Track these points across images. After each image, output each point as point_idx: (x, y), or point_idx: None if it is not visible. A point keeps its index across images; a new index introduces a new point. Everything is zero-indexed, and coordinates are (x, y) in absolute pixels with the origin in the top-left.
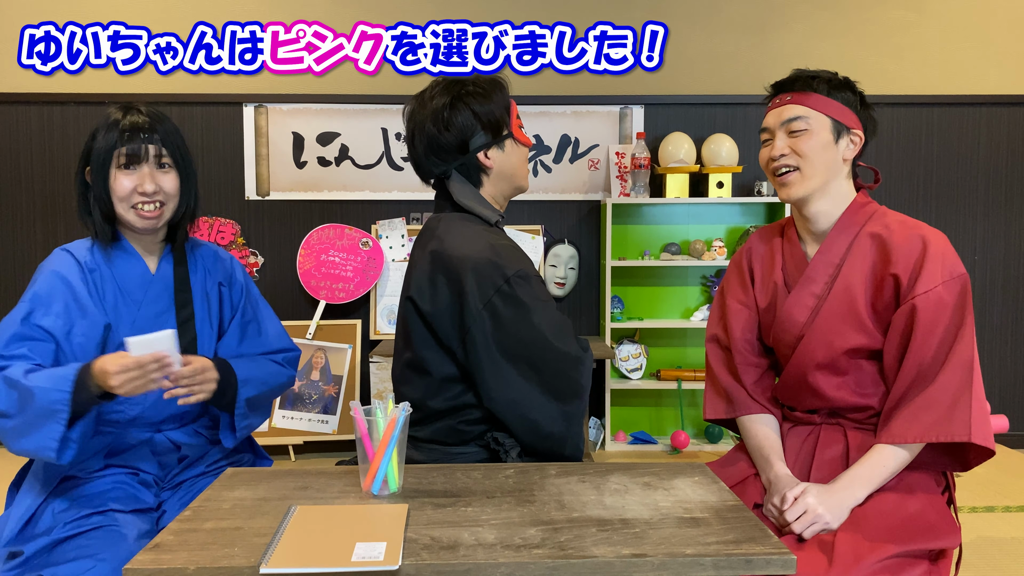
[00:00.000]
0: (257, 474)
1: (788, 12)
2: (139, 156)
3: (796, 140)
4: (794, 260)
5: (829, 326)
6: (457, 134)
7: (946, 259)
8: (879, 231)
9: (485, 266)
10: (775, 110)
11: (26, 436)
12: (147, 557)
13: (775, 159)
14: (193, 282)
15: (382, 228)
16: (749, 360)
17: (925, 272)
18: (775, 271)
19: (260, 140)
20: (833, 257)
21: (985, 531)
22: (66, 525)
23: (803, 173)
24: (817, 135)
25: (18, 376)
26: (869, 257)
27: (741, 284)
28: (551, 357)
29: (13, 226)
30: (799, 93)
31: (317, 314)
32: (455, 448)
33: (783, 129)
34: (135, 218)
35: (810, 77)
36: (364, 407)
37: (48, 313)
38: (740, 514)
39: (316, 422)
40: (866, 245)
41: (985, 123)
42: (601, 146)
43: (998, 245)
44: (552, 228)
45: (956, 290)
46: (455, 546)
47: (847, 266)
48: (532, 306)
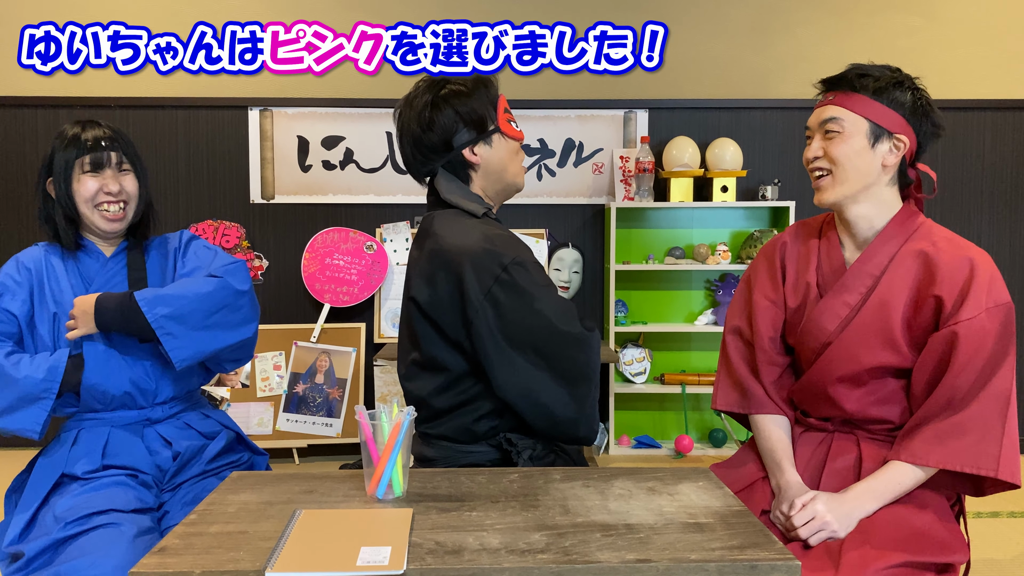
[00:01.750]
0: (262, 478)
1: (792, 16)
2: (102, 162)
3: (830, 143)
4: (831, 264)
5: (858, 339)
6: (440, 133)
7: (993, 286)
8: (925, 248)
9: (482, 257)
10: (818, 109)
11: (6, 416)
12: (153, 560)
13: (810, 161)
14: (148, 260)
15: (386, 232)
16: (771, 358)
17: (971, 298)
18: (809, 272)
19: (265, 144)
20: (873, 268)
21: (990, 537)
22: (67, 525)
23: (835, 178)
24: (850, 139)
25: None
26: (912, 274)
27: (771, 279)
28: (557, 341)
29: (19, 228)
30: (841, 93)
31: (321, 317)
32: (466, 446)
33: (820, 130)
34: (100, 219)
35: (858, 75)
36: (369, 411)
37: (14, 299)
38: (745, 519)
39: (320, 425)
40: (909, 261)
41: (991, 127)
42: (605, 150)
43: (1003, 248)
44: (556, 232)
45: (1000, 319)
46: (460, 551)
47: (886, 279)
48: (533, 292)
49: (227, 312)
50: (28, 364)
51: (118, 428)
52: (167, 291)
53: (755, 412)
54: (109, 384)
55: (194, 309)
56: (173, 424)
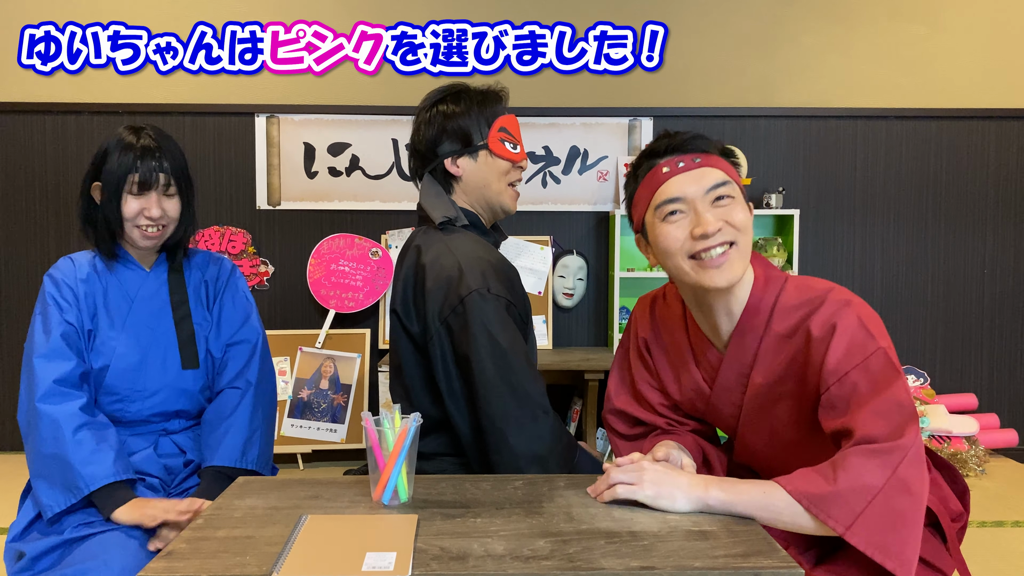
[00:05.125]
0: (268, 483)
1: (796, 25)
2: (150, 184)
3: (724, 210)
4: (707, 360)
5: (759, 426)
6: (428, 140)
7: (854, 340)
8: (783, 319)
9: (447, 282)
10: (680, 177)
11: (41, 478)
12: (160, 565)
13: (708, 235)
14: (188, 279)
15: (392, 238)
16: (678, 419)
17: (829, 359)
18: (690, 368)
19: (272, 150)
20: (742, 367)
21: (994, 546)
22: (74, 528)
23: (740, 249)
24: (741, 202)
25: (67, 432)
26: (784, 351)
27: (650, 373)
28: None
29: (26, 233)
30: (703, 154)
31: (326, 323)
32: (460, 458)
33: (706, 199)
34: (138, 236)
35: (694, 137)
36: (374, 417)
37: (69, 311)
38: (748, 527)
39: (325, 431)
40: (774, 343)
41: (995, 136)
42: (610, 157)
43: (1007, 257)
44: (561, 239)
45: (876, 368)
46: (464, 557)
47: (757, 371)
48: (481, 333)
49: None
50: (83, 446)
51: (133, 435)
52: (235, 439)
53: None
54: (128, 411)
55: (262, 434)
56: (189, 435)
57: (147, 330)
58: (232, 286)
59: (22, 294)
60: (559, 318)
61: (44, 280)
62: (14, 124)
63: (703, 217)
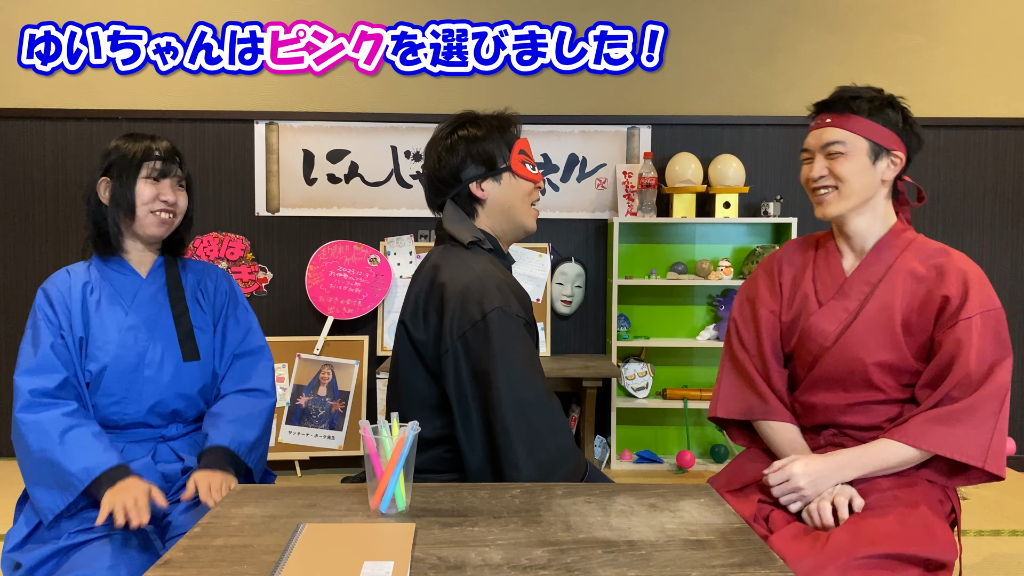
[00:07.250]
0: (266, 491)
1: (795, 34)
2: (168, 173)
3: (834, 163)
4: (830, 274)
5: (858, 340)
6: (451, 167)
7: (987, 291)
8: (925, 254)
9: (468, 298)
10: (816, 131)
11: (36, 485)
12: (156, 573)
13: (814, 180)
14: (185, 281)
15: (390, 245)
16: (778, 368)
17: (972, 299)
18: (806, 282)
19: (271, 157)
20: (871, 276)
21: (991, 554)
22: (71, 535)
23: (840, 193)
24: (854, 158)
25: (54, 434)
26: (911, 279)
27: (771, 292)
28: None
29: (24, 239)
30: (839, 115)
31: (325, 330)
32: (447, 475)
33: (822, 152)
34: (152, 222)
35: (851, 98)
36: (372, 425)
37: (58, 326)
38: (745, 537)
39: (322, 438)
40: (908, 268)
41: (992, 145)
42: (608, 165)
43: (1004, 265)
44: (559, 246)
45: (995, 320)
46: (462, 566)
47: (885, 285)
48: (498, 349)
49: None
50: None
51: (130, 443)
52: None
53: (771, 419)
54: (126, 413)
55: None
56: (186, 441)
57: (145, 329)
58: (233, 298)
59: (21, 299)
60: (557, 325)
61: (38, 294)
62: (13, 130)
63: (814, 165)
